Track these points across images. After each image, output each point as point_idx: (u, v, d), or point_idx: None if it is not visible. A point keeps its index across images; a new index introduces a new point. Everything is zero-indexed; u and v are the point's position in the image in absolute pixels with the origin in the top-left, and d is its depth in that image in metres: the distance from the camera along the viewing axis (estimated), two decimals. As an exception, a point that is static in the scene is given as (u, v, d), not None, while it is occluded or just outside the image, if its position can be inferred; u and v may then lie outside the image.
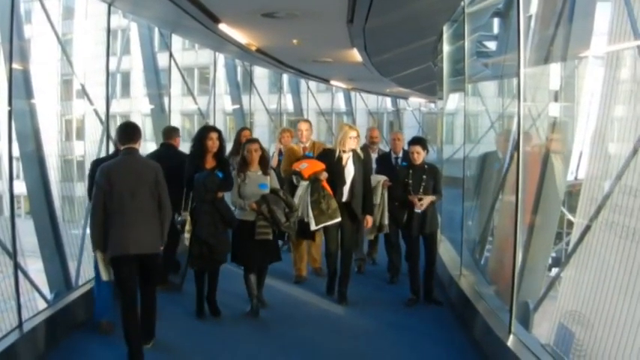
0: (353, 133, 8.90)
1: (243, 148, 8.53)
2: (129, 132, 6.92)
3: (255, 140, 8.67)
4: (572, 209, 8.30)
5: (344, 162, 8.95)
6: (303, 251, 10.50)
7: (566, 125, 8.09)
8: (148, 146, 11.62)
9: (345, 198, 8.95)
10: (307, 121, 10.80)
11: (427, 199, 8.85)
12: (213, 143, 8.45)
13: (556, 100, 8.18)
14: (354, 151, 8.96)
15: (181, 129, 9.55)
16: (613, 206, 6.22)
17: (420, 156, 8.95)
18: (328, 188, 8.84)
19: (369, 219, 9.22)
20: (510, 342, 6.46)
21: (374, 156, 10.70)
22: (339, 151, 8.93)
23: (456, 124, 13.74)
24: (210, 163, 8.47)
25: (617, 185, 6.04)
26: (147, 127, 14.97)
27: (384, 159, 10.62)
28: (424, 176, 8.92)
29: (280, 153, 11.28)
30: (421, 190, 8.89)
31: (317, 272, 10.69)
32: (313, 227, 8.78)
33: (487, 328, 7.16)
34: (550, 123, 8.15)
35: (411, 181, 8.91)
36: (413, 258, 9.14)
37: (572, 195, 8.45)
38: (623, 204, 6.17)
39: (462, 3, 10.07)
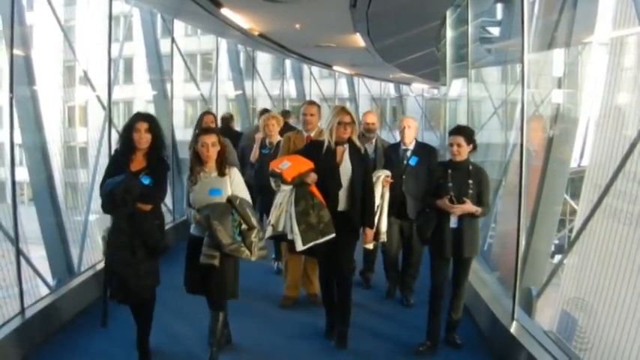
0: (346, 118, 6.68)
1: (195, 140, 6.42)
2: None
3: (212, 130, 6.52)
4: (575, 196, 8.30)
5: (338, 157, 6.78)
6: (296, 266, 8.27)
7: (570, 112, 8.07)
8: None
9: (341, 206, 6.79)
10: (314, 103, 8.29)
11: (466, 206, 6.49)
12: (140, 137, 6.06)
13: (559, 86, 8.16)
14: (351, 142, 6.80)
15: (184, 115, 9.52)
16: (617, 193, 6.20)
17: (462, 150, 6.54)
18: (318, 194, 6.66)
19: (369, 232, 7.01)
20: (513, 328, 6.46)
21: (369, 148, 8.31)
22: (330, 143, 6.75)
23: (459, 110, 13.71)
24: (138, 163, 6.14)
25: (620, 172, 6.02)
26: (150, 113, 14.94)
27: (391, 151, 8.32)
28: (470, 180, 6.56)
29: (264, 145, 9.51)
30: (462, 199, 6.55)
31: (312, 300, 8.27)
32: (300, 247, 6.59)
33: (490, 315, 7.16)
34: (553, 109, 8.13)
35: (450, 184, 6.55)
36: (437, 289, 6.78)
37: (575, 182, 8.44)
38: (626, 190, 6.17)
39: (466, -12, 10.04)
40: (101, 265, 7.95)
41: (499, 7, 12.51)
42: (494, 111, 11.26)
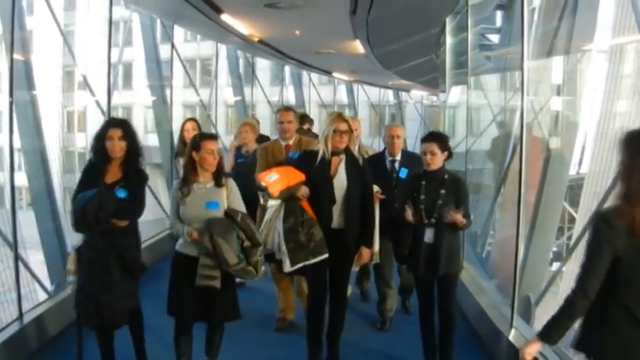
0: (342, 126, 6.04)
1: (195, 146, 5.60)
2: None
3: (214, 137, 5.78)
4: (573, 203, 8.30)
5: (333, 169, 6.13)
6: (288, 288, 7.67)
7: (569, 119, 8.07)
8: (149, 138, 11.60)
9: (335, 223, 6.12)
10: (290, 109, 7.60)
11: (447, 215, 5.89)
12: (113, 145, 5.51)
13: (558, 93, 8.16)
14: (348, 152, 6.16)
15: (183, 121, 9.40)
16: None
17: (435, 159, 6.00)
18: (309, 210, 6.05)
19: (366, 253, 6.31)
20: (512, 336, 6.45)
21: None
22: (325, 153, 6.10)
23: (458, 117, 13.71)
24: (112, 175, 5.59)
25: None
26: (149, 118, 14.98)
27: (375, 163, 7.28)
28: (442, 191, 5.99)
29: (240, 154, 8.93)
30: (435, 212, 5.97)
31: None
32: (288, 268, 6.00)
33: (489, 322, 7.15)
34: (552, 117, 8.13)
35: (423, 197, 5.99)
36: (423, 313, 6.27)
37: (574, 189, 8.44)
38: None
39: (465, -5, 10.05)
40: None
41: (498, 14, 12.56)
42: (493, 118, 11.28)
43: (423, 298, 6.25)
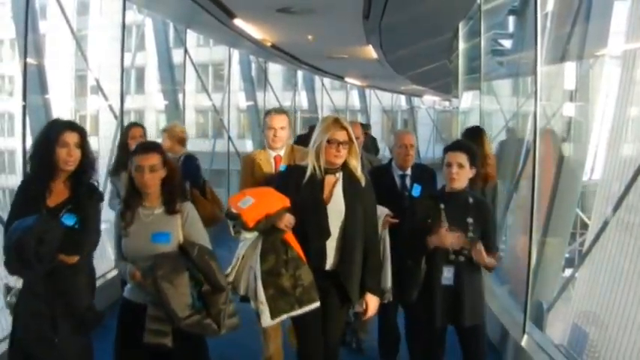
0: (340, 134, 4.51)
1: (130, 161, 4.34)
2: None
3: (153, 147, 4.41)
4: (586, 210, 8.27)
5: (326, 192, 4.63)
6: (276, 333, 5.85)
7: (581, 125, 8.05)
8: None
9: (329, 263, 4.62)
10: (283, 112, 5.91)
11: (478, 252, 4.63)
12: (69, 154, 4.17)
13: (571, 99, 8.14)
14: (347, 169, 4.65)
15: (195, 126, 9.39)
16: (629, 207, 6.17)
17: (462, 174, 4.73)
18: (296, 245, 4.54)
19: (374, 302, 4.76)
20: (524, 342, 6.42)
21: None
22: (316, 170, 4.59)
23: (470, 123, 13.70)
24: (58, 194, 4.23)
25: (632, 186, 5.99)
26: (161, 123, 15.02)
27: (379, 177, 5.86)
28: (469, 218, 4.75)
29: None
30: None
31: None
32: (267, 322, 4.48)
33: (501, 328, 7.13)
34: (565, 122, 8.11)
35: (446, 225, 4.69)
36: None
37: (586, 195, 8.41)
38: (638, 205, 6.13)
39: (478, 0, 10.05)
40: (112, 274, 7.86)
41: (511, 19, 12.54)
42: (506, 124, 11.25)
43: (433, 346, 5.00)
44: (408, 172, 6.05)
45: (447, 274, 4.73)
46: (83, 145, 4.24)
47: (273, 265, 4.47)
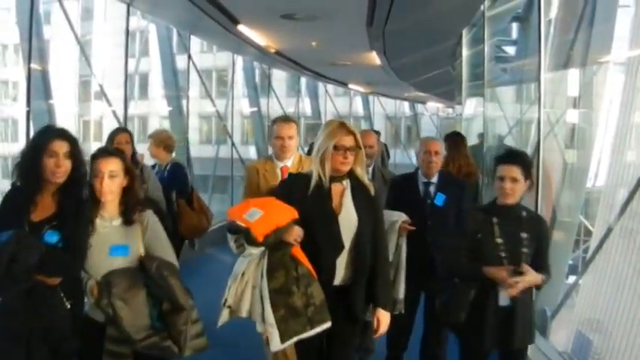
0: (347, 140, 4.14)
1: (89, 166, 3.97)
2: None
3: (113, 154, 4.13)
4: (589, 216, 8.25)
5: (335, 201, 4.24)
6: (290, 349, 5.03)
7: (585, 131, 8.04)
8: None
9: (339, 279, 4.21)
10: (291, 120, 5.50)
11: (531, 277, 4.33)
12: (58, 164, 3.73)
13: (575, 106, 8.13)
14: (354, 176, 4.28)
15: (199, 132, 9.41)
16: (632, 213, 6.16)
17: (517, 189, 4.36)
18: (305, 260, 4.11)
19: (385, 318, 4.33)
20: (528, 349, 6.41)
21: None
22: (322, 178, 4.19)
23: (474, 130, 13.70)
24: (44, 209, 3.80)
25: (636, 193, 5.98)
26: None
27: (404, 185, 5.91)
28: (523, 234, 4.42)
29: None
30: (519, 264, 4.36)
31: None
32: (277, 346, 3.97)
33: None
34: (568, 129, 8.10)
35: (500, 241, 4.38)
36: None
37: (590, 202, 8.40)
38: (642, 212, 6.12)
39: (482, 7, 10.04)
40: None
41: (515, 26, 12.53)
42: (509, 130, 11.25)
43: None
44: (434, 180, 5.76)
45: (504, 295, 4.36)
46: (74, 155, 3.79)
47: (283, 282, 4.03)
